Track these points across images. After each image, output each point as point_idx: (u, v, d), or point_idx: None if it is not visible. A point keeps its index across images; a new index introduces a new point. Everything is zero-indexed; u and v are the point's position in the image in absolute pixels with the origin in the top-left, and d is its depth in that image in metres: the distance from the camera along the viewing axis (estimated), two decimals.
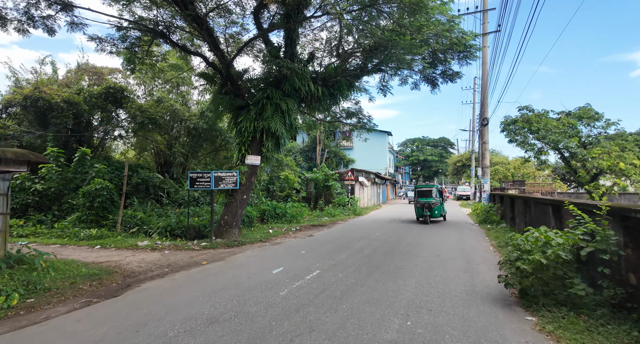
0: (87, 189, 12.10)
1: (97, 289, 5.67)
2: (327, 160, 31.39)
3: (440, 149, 70.10)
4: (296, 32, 10.71)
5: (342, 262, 7.51)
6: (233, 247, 9.71)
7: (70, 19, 10.88)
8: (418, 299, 4.97)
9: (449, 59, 13.76)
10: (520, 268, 4.57)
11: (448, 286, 5.63)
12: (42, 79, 15.93)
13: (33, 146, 14.90)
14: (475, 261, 7.62)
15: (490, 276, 6.27)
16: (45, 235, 11.14)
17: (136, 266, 7.35)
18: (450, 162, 52.14)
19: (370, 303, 4.81)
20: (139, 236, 11.24)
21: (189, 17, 10.04)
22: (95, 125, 17.97)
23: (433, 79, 14.99)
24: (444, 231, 12.89)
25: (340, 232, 12.78)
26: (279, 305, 4.69)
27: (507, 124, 14.65)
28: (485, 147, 19.41)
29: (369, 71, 13.09)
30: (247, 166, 10.69)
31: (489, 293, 5.29)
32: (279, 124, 10.31)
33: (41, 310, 4.67)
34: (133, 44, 12.01)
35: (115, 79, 18.13)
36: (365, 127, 17.14)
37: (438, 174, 76.88)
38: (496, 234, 11.54)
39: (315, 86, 10.88)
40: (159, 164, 19.66)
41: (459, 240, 10.73)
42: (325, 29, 13.39)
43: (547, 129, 13.07)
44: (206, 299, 4.96)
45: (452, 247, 9.48)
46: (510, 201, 13.08)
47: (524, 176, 30.45)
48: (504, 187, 22.21)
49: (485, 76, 19.74)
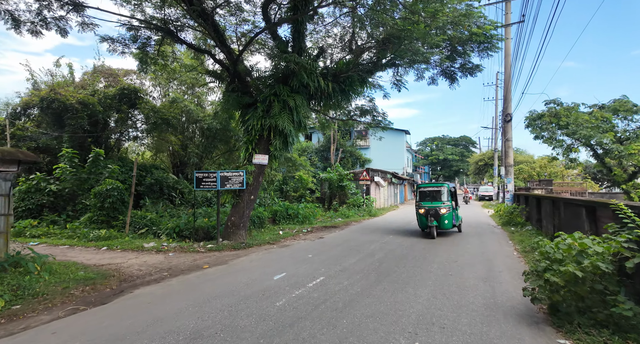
0: (98, 189, 12.09)
1: (89, 295, 5.40)
2: (342, 160, 30.81)
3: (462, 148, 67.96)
4: (304, 25, 10.27)
5: (350, 267, 6.99)
6: (239, 249, 9.37)
7: (81, 19, 10.87)
8: (430, 314, 4.40)
9: (468, 52, 12.96)
10: (549, 281, 3.93)
11: (465, 298, 5.02)
12: (59, 81, 16.20)
13: (49, 147, 15.16)
14: (497, 268, 6.92)
15: (514, 286, 5.60)
16: (57, 235, 11.18)
17: (136, 270, 7.10)
18: (472, 161, 50.34)
19: (375, 317, 4.28)
20: (148, 237, 11.10)
21: (194, 13, 9.80)
22: (112, 126, 18.16)
23: (452, 73, 14.21)
24: (463, 234, 12.10)
25: (352, 234, 12.23)
26: (273, 318, 4.24)
27: (532, 119, 13.64)
28: (509, 144, 18.34)
29: (382, 66, 12.48)
30: (254, 166, 10.33)
31: (512, 307, 4.65)
32: (287, 122, 9.89)
33: (24, 318, 4.42)
34: (144, 44, 11.93)
35: (131, 81, 18.27)
36: (380, 126, 16.52)
37: (459, 173, 74.62)
38: (521, 237, 10.69)
39: (325, 82, 10.40)
40: (174, 165, 19.73)
41: (479, 244, 9.98)
42: (338, 25, 12.89)
43: (578, 124, 12.02)
44: (196, 310, 4.57)
45: (472, 251, 8.77)
46: (536, 202, 12.15)
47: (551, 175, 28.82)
48: (529, 187, 20.98)
49: (508, 69, 18.67)
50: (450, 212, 10.84)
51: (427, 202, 11.26)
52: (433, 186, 11.77)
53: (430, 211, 10.88)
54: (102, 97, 15.91)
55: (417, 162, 57.41)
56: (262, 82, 11.21)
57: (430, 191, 11.63)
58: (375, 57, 12.30)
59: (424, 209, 11.08)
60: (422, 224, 11.32)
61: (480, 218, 18.21)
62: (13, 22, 10.44)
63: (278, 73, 10.65)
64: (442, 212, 10.72)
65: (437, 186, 11.67)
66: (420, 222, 11.48)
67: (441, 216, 10.73)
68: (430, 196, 11.51)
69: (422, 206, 11.20)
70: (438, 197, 11.32)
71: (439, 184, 11.71)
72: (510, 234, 11.77)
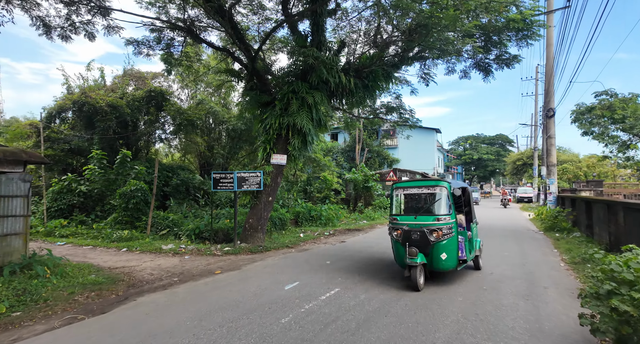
0: (123, 190, 12.24)
1: (92, 302, 5.18)
2: (369, 160, 29.94)
3: (497, 147, 64.33)
4: (323, 17, 9.74)
5: (370, 277, 6.37)
6: (256, 253, 9.00)
7: (107, 22, 11.02)
8: (459, 340, 3.72)
9: (504, 41, 11.85)
10: (618, 309, 3.12)
11: (502, 321, 4.26)
12: (91, 85, 16.76)
13: (81, 148, 15.68)
14: (540, 283, 6.02)
15: (564, 307, 4.74)
16: (83, 236, 11.39)
17: (148, 274, 6.88)
18: (509, 160, 47.40)
19: (392, 343, 3.66)
20: (168, 238, 11.03)
21: (211, 9, 9.59)
22: (142, 128, 18.59)
23: (486, 65, 13.11)
24: (500, 239, 11.03)
25: (376, 238, 11.52)
26: (274, 339, 3.74)
27: (580, 113, 12.24)
28: (551, 142, 16.79)
29: (409, 59, 11.68)
30: (272, 166, 9.94)
31: (564, 336, 3.85)
32: (306, 120, 9.41)
33: (19, 327, 4.22)
34: (168, 45, 11.97)
35: (159, 83, 18.62)
36: (408, 123, 15.66)
37: (495, 174, 70.89)
38: (568, 245, 9.52)
39: (346, 78, 9.81)
40: (201, 166, 19.92)
41: (518, 252, 8.96)
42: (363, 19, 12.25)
43: (637, 117, 10.56)
44: (194, 324, 4.17)
45: (510, 261, 7.83)
46: (586, 206, 10.85)
47: (600, 176, 26.32)
48: (576, 188, 19.16)
49: (550, 61, 17.10)
50: (452, 236, 5.70)
51: (408, 216, 6.19)
52: (420, 186, 6.48)
53: (412, 234, 5.78)
54: (130, 99, 16.26)
55: (449, 162, 55.13)
56: (281, 79, 10.82)
57: (415, 196, 6.67)
58: (401, 49, 11.55)
59: (400, 230, 5.98)
60: (399, 259, 6.15)
61: (519, 222, 16.80)
62: (44, 28, 10.72)
63: (297, 69, 10.20)
64: (435, 236, 5.64)
65: (427, 186, 6.39)
66: (396, 255, 6.26)
67: (433, 244, 5.64)
68: (415, 203, 6.70)
69: (397, 224, 6.09)
70: (429, 206, 6.27)
71: (431, 183, 6.42)
72: (555, 242, 10.57)
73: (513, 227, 14.55)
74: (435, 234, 5.63)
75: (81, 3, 10.38)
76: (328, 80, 9.40)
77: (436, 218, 5.76)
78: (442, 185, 6.11)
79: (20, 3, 10.01)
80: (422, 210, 6.34)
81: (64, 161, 15.93)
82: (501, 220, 17.75)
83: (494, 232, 12.89)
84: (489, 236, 11.86)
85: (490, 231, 13.26)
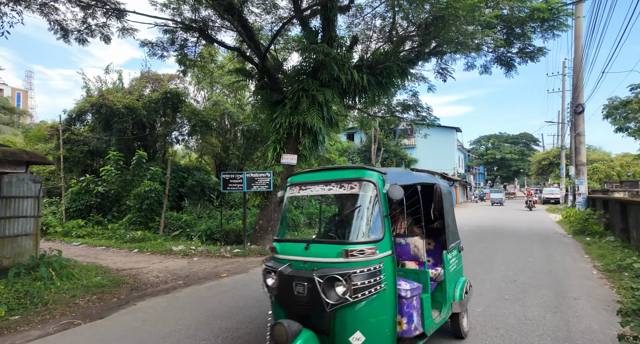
0: (137, 191, 12.32)
1: (93, 306, 5.06)
2: (385, 160, 29.32)
3: (522, 146, 61.85)
4: (334, 11, 9.42)
5: None
6: (266, 255, 8.77)
7: (121, 24, 11.12)
8: None
9: (528, 33, 11.17)
10: None
11: (527, 338, 3.81)
12: (109, 88, 17.09)
13: (99, 150, 15.99)
14: (570, 293, 5.46)
15: (599, 322, 4.22)
16: (98, 236, 11.53)
17: (154, 276, 6.76)
18: (534, 160, 45.38)
19: None
20: (180, 239, 11.00)
21: (221, 7, 9.47)
22: (159, 130, 18.82)
23: (508, 59, 12.44)
24: (524, 243, 10.35)
25: None
26: None
27: (613, 107, 11.35)
28: (580, 140, 15.80)
29: (425, 54, 11.20)
30: (282, 166, 9.70)
31: None
32: (317, 118, 9.11)
33: (14, 332, 4.11)
34: (181, 45, 12.00)
35: (175, 85, 18.80)
36: (425, 122, 15.10)
37: (519, 174, 68.33)
38: (600, 251, 8.77)
39: (359, 74, 9.45)
40: (217, 167, 19.99)
41: (545, 257, 8.32)
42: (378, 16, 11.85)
43: None
44: (189, 334, 3.94)
45: (535, 267, 7.24)
46: (621, 208, 10.01)
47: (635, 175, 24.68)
48: (608, 189, 17.98)
49: (579, 53, 16.14)
50: (379, 292, 2.58)
51: (295, 244, 3.03)
52: (328, 180, 3.07)
53: (296, 287, 2.69)
54: (147, 101, 16.46)
55: (471, 162, 53.54)
56: (292, 78, 10.58)
57: (322, 200, 4.58)
58: (417, 44, 11.08)
59: (276, 275, 2.85)
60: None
61: (546, 224, 15.88)
62: (62, 31, 10.91)
63: (308, 66, 9.93)
64: (338, 294, 2.53)
65: (336, 180, 3.03)
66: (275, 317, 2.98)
67: (334, 312, 2.54)
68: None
69: (274, 262, 3.00)
70: (343, 222, 3.19)
71: (344, 174, 3.05)
72: (586, 246, 9.81)
73: (539, 230, 13.73)
74: (340, 288, 2.54)
75: (97, 6, 10.48)
76: (339, 77, 9.08)
77: (344, 250, 2.63)
78: (362, 177, 2.93)
79: (39, 7, 10.20)
80: (323, 232, 3.57)
81: (83, 162, 16.28)
82: (525, 222, 16.86)
83: (517, 235, 12.16)
84: (512, 239, 11.19)
85: (515, 234, 12.54)
